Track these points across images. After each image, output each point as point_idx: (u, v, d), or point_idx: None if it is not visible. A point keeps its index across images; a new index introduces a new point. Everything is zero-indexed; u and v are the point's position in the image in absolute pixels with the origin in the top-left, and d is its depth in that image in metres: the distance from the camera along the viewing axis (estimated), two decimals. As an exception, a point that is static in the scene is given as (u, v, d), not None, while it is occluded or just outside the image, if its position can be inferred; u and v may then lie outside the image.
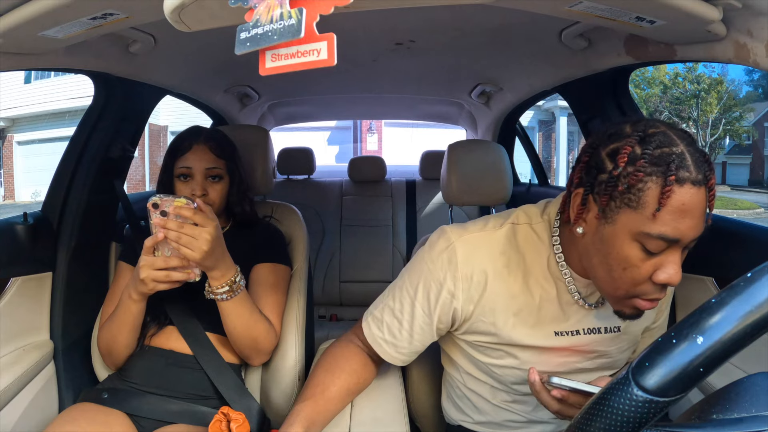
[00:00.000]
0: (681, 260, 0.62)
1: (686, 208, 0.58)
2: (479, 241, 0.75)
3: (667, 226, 0.59)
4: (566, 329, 0.75)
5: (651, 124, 0.63)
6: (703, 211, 0.60)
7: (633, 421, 0.29)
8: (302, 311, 1.11)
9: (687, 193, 0.58)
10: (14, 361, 1.00)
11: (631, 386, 0.29)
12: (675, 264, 0.61)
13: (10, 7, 0.66)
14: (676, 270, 0.61)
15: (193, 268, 0.88)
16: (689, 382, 0.28)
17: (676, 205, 0.58)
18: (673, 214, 0.59)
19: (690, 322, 0.29)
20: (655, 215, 0.59)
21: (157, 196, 0.84)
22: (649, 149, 0.59)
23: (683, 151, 0.59)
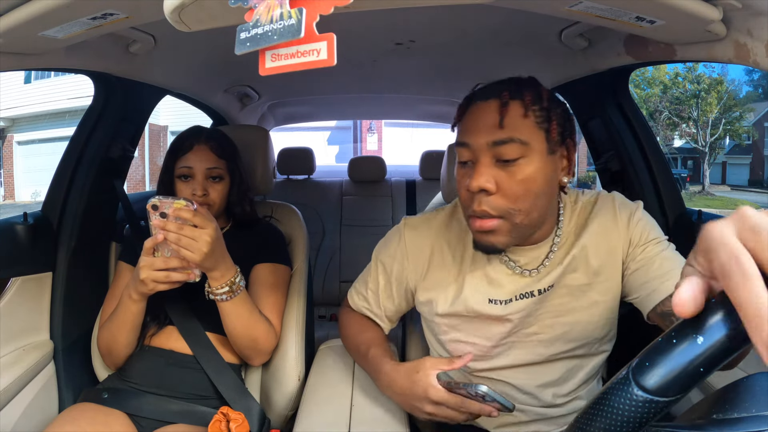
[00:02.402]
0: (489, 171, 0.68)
1: (473, 119, 0.71)
2: (423, 223, 0.87)
3: (461, 134, 0.72)
4: (500, 297, 0.79)
5: None
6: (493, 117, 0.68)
7: (633, 421, 0.29)
8: (302, 311, 1.11)
9: (474, 108, 0.71)
10: (14, 361, 1.00)
11: (632, 386, 0.29)
12: (476, 171, 0.69)
13: (10, 7, 0.66)
14: (476, 176, 0.68)
15: (193, 269, 0.88)
16: (690, 381, 0.28)
17: (466, 117, 0.72)
18: (465, 125, 0.72)
19: (690, 322, 0.28)
20: (455, 129, 0.74)
21: (157, 197, 0.84)
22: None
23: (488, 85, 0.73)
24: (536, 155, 0.68)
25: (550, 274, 0.78)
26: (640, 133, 1.19)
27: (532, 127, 0.68)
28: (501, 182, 0.68)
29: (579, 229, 0.79)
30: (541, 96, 0.70)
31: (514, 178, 0.68)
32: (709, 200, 13.34)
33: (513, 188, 0.68)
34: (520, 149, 0.67)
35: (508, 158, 0.67)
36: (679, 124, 14.95)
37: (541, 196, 0.70)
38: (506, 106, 0.68)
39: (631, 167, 1.18)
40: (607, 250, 0.77)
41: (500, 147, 0.67)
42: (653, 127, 6.08)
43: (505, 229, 0.70)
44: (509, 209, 0.69)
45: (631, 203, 0.80)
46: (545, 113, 0.69)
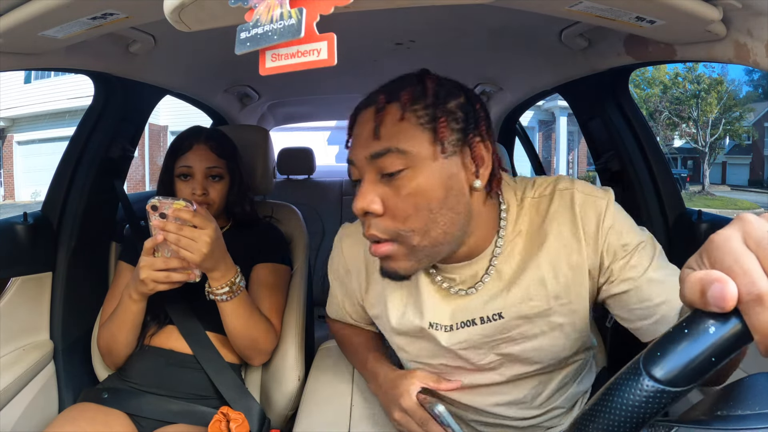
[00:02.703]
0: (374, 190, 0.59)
1: (354, 132, 0.64)
2: (359, 232, 0.76)
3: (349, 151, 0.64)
4: (441, 322, 0.69)
5: None
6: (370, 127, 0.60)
7: (643, 412, 0.29)
8: (302, 311, 1.11)
9: (357, 118, 0.63)
10: (14, 361, 1.00)
11: (642, 376, 0.29)
12: (359, 191, 0.61)
13: (10, 7, 0.66)
14: (358, 196, 0.60)
15: (193, 269, 0.88)
16: (701, 371, 0.28)
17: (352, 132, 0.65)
18: (350, 141, 0.64)
19: (701, 312, 0.28)
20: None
21: (156, 198, 0.84)
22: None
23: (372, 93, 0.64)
24: (422, 163, 0.58)
25: (495, 300, 0.66)
26: (640, 133, 1.19)
27: (413, 130, 0.58)
28: (387, 201, 0.59)
29: (530, 239, 0.66)
30: (425, 91, 0.60)
31: (400, 193, 0.58)
32: (709, 200, 13.35)
33: (400, 206, 0.58)
34: (401, 159, 0.58)
35: (388, 172, 0.58)
36: (679, 124, 14.96)
37: (440, 209, 0.59)
38: (381, 112, 0.59)
39: (631, 167, 1.18)
40: (569, 268, 0.64)
41: (379, 160, 0.58)
42: (653, 127, 6.09)
43: (401, 254, 0.61)
44: (400, 231, 0.59)
45: (596, 200, 0.65)
46: (429, 110, 0.59)
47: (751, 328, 0.27)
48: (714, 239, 0.30)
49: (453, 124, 0.60)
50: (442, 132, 0.58)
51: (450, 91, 0.62)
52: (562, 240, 0.64)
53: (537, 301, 0.65)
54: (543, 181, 0.70)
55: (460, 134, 0.60)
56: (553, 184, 0.68)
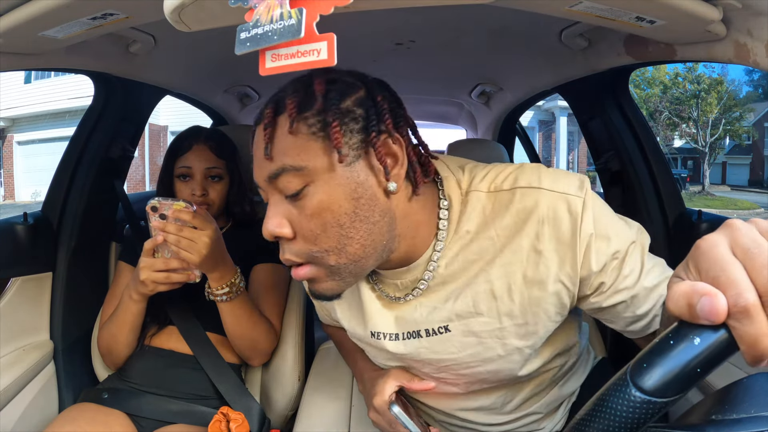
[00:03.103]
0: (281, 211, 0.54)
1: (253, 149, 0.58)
2: None
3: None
4: (384, 330, 0.65)
5: None
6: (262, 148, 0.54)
7: (632, 422, 0.29)
8: (302, 312, 1.11)
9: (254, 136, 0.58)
10: (14, 362, 1.00)
11: (629, 387, 0.29)
12: (267, 216, 0.54)
13: (10, 7, 0.66)
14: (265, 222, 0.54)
15: (193, 270, 0.88)
16: (687, 382, 0.28)
17: None
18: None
19: (687, 323, 0.29)
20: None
21: (156, 199, 0.84)
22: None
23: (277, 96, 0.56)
24: (321, 177, 0.51)
25: (440, 310, 0.60)
26: (640, 133, 1.19)
27: (304, 142, 0.51)
28: (294, 222, 0.53)
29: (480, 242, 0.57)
30: (313, 96, 0.52)
31: (305, 213, 0.52)
32: (709, 200, 13.35)
33: (307, 227, 0.53)
34: (298, 177, 0.51)
35: (289, 193, 0.52)
36: (679, 124, 14.96)
37: (352, 223, 0.52)
38: (270, 128, 0.53)
39: (631, 167, 1.18)
40: (526, 284, 0.56)
41: (276, 181, 0.52)
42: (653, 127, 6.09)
43: (322, 275, 0.55)
44: (313, 253, 0.53)
45: (569, 200, 0.54)
46: (320, 116, 0.51)
47: (738, 340, 0.27)
48: (700, 245, 0.29)
49: (351, 124, 0.52)
50: (336, 137, 0.50)
51: (343, 89, 0.54)
52: (520, 251, 0.55)
53: (487, 317, 0.58)
54: (501, 170, 0.59)
55: (362, 134, 0.53)
56: (513, 175, 0.58)
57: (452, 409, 0.72)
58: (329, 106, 0.52)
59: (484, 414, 0.71)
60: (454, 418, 0.74)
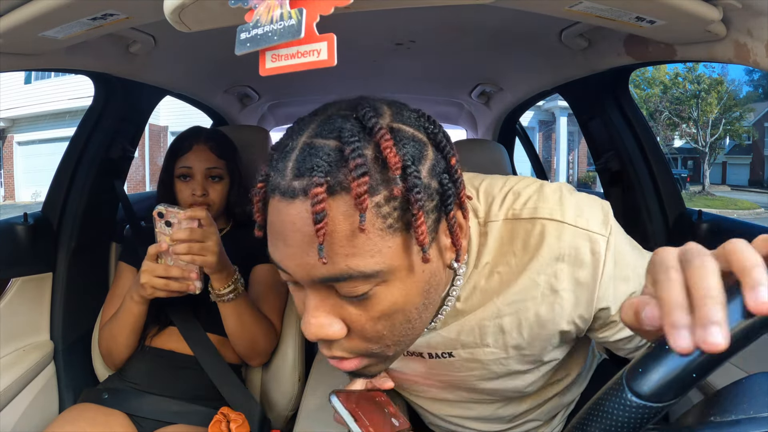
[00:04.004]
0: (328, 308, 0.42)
1: (275, 229, 0.42)
2: None
3: (270, 247, 0.44)
4: None
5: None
6: (307, 237, 0.39)
7: (628, 427, 0.29)
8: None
9: (275, 206, 0.41)
10: (14, 362, 1.00)
11: (625, 392, 0.29)
12: (306, 314, 0.43)
13: (10, 8, 0.66)
14: (307, 322, 0.42)
15: (193, 280, 0.87)
16: (682, 387, 0.28)
17: (269, 219, 0.43)
18: (270, 234, 0.43)
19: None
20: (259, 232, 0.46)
21: (162, 205, 0.84)
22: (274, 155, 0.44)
23: (293, 149, 0.41)
24: (398, 276, 0.41)
25: (443, 336, 0.57)
26: (640, 133, 1.19)
27: (380, 237, 0.39)
28: (351, 322, 0.43)
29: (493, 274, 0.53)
30: (386, 169, 0.38)
31: (370, 315, 0.42)
32: (709, 200, 13.34)
33: (372, 328, 0.43)
34: (368, 282, 0.40)
35: (352, 296, 0.41)
36: (679, 124, 14.96)
37: (420, 314, 0.46)
38: (322, 220, 0.37)
39: (631, 167, 1.18)
40: (538, 322, 0.53)
41: (334, 284, 0.41)
42: (653, 127, 6.09)
43: (375, 362, 0.47)
44: (373, 350, 0.45)
45: (592, 238, 0.49)
46: (401, 200, 0.39)
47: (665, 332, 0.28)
48: (653, 255, 0.31)
49: (427, 204, 0.41)
50: (422, 234, 0.39)
51: (416, 154, 0.40)
52: (535, 288, 0.51)
53: (493, 348, 0.56)
54: (519, 192, 0.53)
55: (435, 213, 0.42)
56: (533, 201, 0.52)
57: (450, 416, 0.71)
58: (410, 187, 0.38)
59: (483, 423, 0.70)
60: (451, 424, 0.73)
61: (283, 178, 0.40)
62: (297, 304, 0.47)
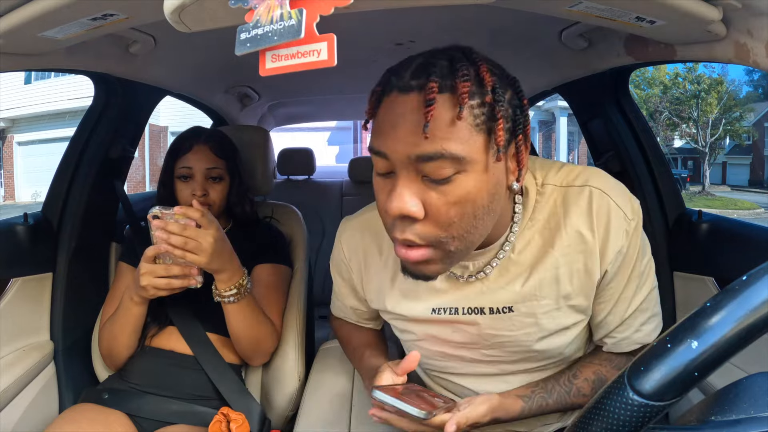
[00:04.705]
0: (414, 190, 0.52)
1: (387, 119, 0.52)
2: (360, 223, 0.77)
3: (374, 138, 0.54)
4: (444, 305, 0.67)
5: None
6: (415, 121, 0.50)
7: (630, 425, 0.29)
8: (302, 311, 1.11)
9: (390, 101, 0.52)
10: (14, 362, 1.00)
11: (627, 390, 0.29)
12: (395, 190, 0.52)
13: (11, 8, 0.66)
14: (395, 197, 0.52)
15: (194, 276, 0.87)
16: (684, 386, 0.28)
17: (381, 113, 0.54)
18: (379, 125, 0.54)
19: (685, 326, 0.29)
20: (368, 127, 0.56)
21: (158, 208, 0.84)
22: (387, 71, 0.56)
23: (411, 63, 0.54)
24: (476, 168, 0.51)
25: (505, 288, 0.64)
26: (640, 134, 1.19)
27: (469, 131, 0.50)
28: (430, 205, 0.52)
29: (549, 231, 0.63)
30: (482, 81, 0.51)
31: (447, 199, 0.52)
32: (709, 200, 13.34)
33: (445, 213, 0.52)
34: (453, 165, 0.50)
35: (437, 178, 0.51)
36: (679, 124, 14.96)
37: (483, 215, 0.54)
38: (432, 105, 0.49)
39: (631, 167, 1.18)
40: (585, 271, 0.63)
41: (426, 163, 0.50)
42: (653, 128, 6.09)
43: (437, 258, 0.55)
44: (441, 238, 0.53)
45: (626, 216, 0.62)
46: (488, 109, 0.51)
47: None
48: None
49: (507, 124, 0.53)
50: (500, 135, 0.51)
51: (504, 85, 0.54)
52: (583, 242, 0.61)
53: (548, 299, 0.63)
54: (571, 168, 0.65)
55: (508, 134, 0.53)
56: (584, 175, 0.63)
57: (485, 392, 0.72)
58: (497, 100, 0.51)
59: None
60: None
61: (401, 80, 0.52)
62: (380, 194, 0.56)
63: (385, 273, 0.73)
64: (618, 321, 0.67)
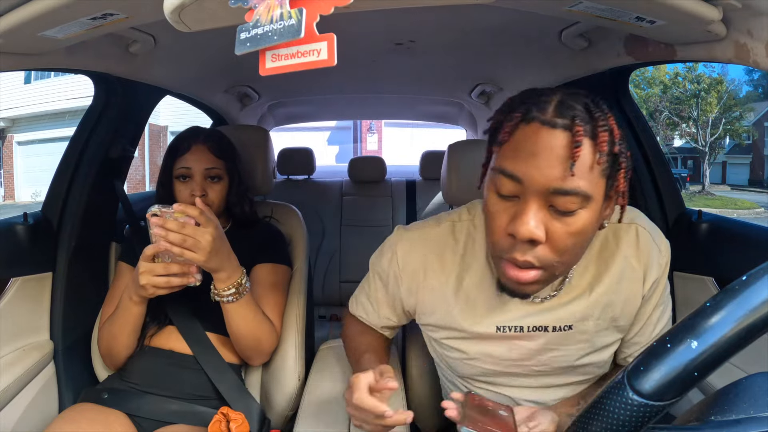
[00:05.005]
0: (540, 217, 0.57)
1: (529, 146, 0.56)
2: (419, 236, 0.78)
3: (508, 161, 0.58)
4: (508, 323, 0.72)
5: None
6: (559, 157, 0.55)
7: (629, 425, 0.29)
8: (302, 311, 1.11)
9: (533, 131, 0.56)
10: (14, 362, 1.00)
11: (627, 390, 0.29)
12: (525, 215, 0.57)
13: (10, 8, 0.66)
14: (526, 222, 0.56)
15: (193, 273, 0.87)
16: (684, 386, 0.28)
17: (519, 139, 0.57)
18: (516, 150, 0.57)
19: (685, 326, 0.29)
20: (500, 149, 0.59)
21: (157, 206, 0.84)
22: (517, 98, 0.61)
23: (551, 99, 0.57)
24: (593, 207, 0.58)
25: (566, 307, 0.71)
26: (640, 133, 1.19)
27: (599, 175, 0.57)
28: (552, 232, 0.58)
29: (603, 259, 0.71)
30: (614, 136, 0.57)
31: (567, 229, 0.58)
32: (709, 200, 13.33)
33: (563, 241, 0.58)
34: (580, 202, 0.56)
35: (563, 210, 0.57)
36: (679, 123, 14.95)
37: (586, 246, 0.63)
38: (579, 147, 0.54)
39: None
40: (632, 294, 0.72)
41: (559, 197, 0.56)
42: (653, 127, 6.08)
43: (542, 279, 0.61)
44: (554, 262, 0.59)
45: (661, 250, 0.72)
46: (613, 158, 0.57)
47: None
48: None
49: (626, 175, 0.59)
50: (621, 183, 0.59)
51: (625, 134, 0.59)
52: (632, 270, 0.70)
53: (601, 320, 0.71)
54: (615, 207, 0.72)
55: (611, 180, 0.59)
56: (630, 215, 0.72)
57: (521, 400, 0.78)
58: (621, 152, 0.57)
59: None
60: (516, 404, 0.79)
61: (544, 114, 0.56)
62: (500, 215, 0.60)
63: (447, 289, 0.75)
64: (645, 340, 0.76)
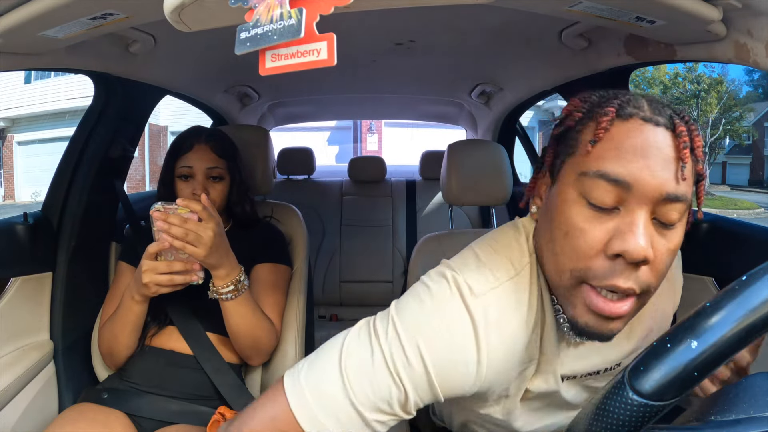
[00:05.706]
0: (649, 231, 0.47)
1: (635, 144, 0.46)
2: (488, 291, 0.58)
3: (609, 162, 0.47)
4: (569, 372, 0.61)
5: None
6: (668, 158, 0.46)
7: (629, 425, 0.29)
8: (302, 311, 1.11)
9: (635, 127, 0.47)
10: (14, 361, 1.00)
11: (627, 390, 0.29)
12: (636, 228, 0.46)
13: (10, 7, 0.66)
14: (637, 236, 0.45)
15: (196, 271, 0.88)
16: (684, 386, 0.28)
17: (619, 138, 0.47)
18: (616, 150, 0.47)
19: (684, 326, 0.29)
20: (591, 148, 0.48)
21: (160, 203, 0.84)
22: (594, 97, 0.53)
23: (638, 96, 0.50)
24: (684, 219, 0.49)
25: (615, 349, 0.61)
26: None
27: (690, 183, 0.49)
28: (656, 249, 0.47)
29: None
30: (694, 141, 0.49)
31: (668, 246, 0.48)
32: (709, 200, 13.21)
33: (664, 260, 0.48)
34: (682, 211, 0.48)
35: (666, 222, 0.47)
36: (679, 124, 14.93)
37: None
38: (687, 148, 0.47)
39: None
40: (665, 318, 0.67)
41: (666, 204, 0.46)
42: (653, 127, 6.05)
43: (633, 312, 0.49)
44: (652, 287, 0.49)
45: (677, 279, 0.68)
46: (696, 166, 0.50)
47: None
48: None
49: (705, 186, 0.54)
50: (701, 194, 0.52)
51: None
52: (669, 288, 0.65)
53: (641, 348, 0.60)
54: None
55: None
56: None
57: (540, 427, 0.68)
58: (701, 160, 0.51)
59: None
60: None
61: (642, 111, 0.48)
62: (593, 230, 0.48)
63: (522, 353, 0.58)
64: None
